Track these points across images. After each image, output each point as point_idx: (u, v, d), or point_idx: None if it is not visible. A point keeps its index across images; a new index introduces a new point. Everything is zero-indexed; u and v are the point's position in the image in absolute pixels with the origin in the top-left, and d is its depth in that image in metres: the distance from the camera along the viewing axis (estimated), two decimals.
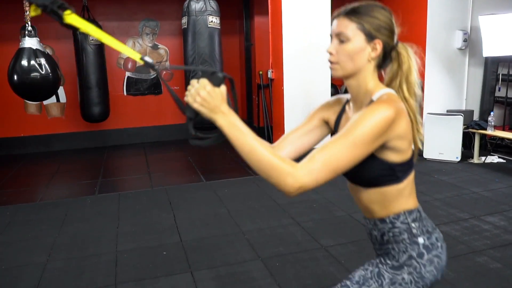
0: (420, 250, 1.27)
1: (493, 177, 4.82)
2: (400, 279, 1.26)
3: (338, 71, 1.26)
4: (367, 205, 1.32)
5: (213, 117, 1.13)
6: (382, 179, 1.25)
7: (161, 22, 7.04)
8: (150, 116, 7.25)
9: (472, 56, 5.87)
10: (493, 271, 2.77)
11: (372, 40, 1.22)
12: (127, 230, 3.58)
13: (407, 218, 1.29)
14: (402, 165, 1.25)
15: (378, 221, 1.31)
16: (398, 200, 1.28)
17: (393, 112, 1.15)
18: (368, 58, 1.23)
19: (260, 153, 1.11)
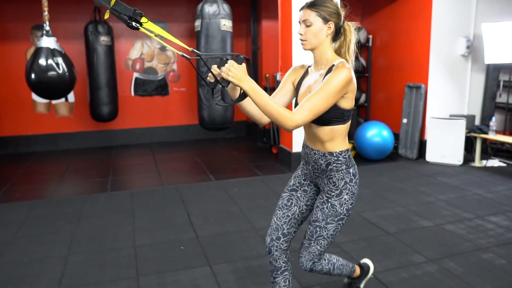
0: (351, 177, 1.96)
1: (494, 179, 4.96)
2: (343, 200, 1.95)
3: (307, 46, 1.89)
4: (320, 138, 1.92)
5: (240, 84, 1.66)
6: (335, 120, 1.86)
7: (170, 24, 7.16)
8: (157, 116, 7.36)
9: (474, 62, 6.02)
10: (499, 267, 2.90)
11: (327, 22, 1.85)
12: (143, 225, 3.69)
13: (346, 154, 1.95)
14: (348, 111, 1.88)
15: (328, 154, 1.93)
16: (341, 138, 1.92)
17: (349, 73, 1.76)
18: (326, 35, 1.86)
19: (271, 106, 1.70)
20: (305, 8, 1.86)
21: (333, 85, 1.73)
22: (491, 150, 6.06)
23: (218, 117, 4.89)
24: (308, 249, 2.03)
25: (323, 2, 1.84)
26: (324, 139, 1.91)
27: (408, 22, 6.11)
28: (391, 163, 5.81)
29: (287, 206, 2.09)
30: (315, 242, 2.00)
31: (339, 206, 1.95)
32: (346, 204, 1.96)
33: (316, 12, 1.83)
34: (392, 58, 6.57)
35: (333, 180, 1.94)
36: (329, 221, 1.96)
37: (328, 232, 1.98)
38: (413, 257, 3.05)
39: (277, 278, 2.11)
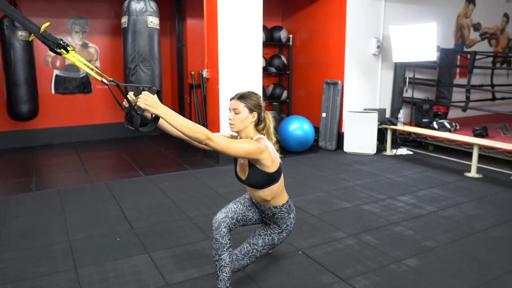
0: (291, 220, 2.59)
1: (402, 166, 5.55)
2: (282, 237, 2.59)
3: (234, 128, 2.36)
4: (263, 198, 2.43)
5: (156, 111, 1.90)
6: (268, 182, 2.37)
7: (91, 21, 7.01)
8: (80, 115, 7.16)
9: (384, 61, 6.63)
10: (407, 237, 3.33)
11: (252, 112, 2.35)
12: (76, 221, 3.67)
13: (287, 204, 2.53)
14: (275, 173, 2.37)
15: (273, 207, 2.48)
16: (280, 194, 2.47)
17: (255, 145, 2.21)
18: (250, 121, 2.36)
19: (187, 124, 1.98)
20: (235, 99, 2.35)
21: (242, 146, 2.17)
22: (400, 140, 6.71)
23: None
24: (240, 261, 2.56)
25: (249, 96, 2.35)
26: (267, 199, 2.43)
27: (325, 23, 6.57)
28: (312, 154, 6.22)
29: (247, 207, 2.57)
30: (248, 258, 2.57)
31: (277, 240, 2.57)
32: (282, 238, 2.60)
33: (244, 103, 2.32)
34: (311, 57, 7.01)
35: (278, 224, 2.55)
36: (266, 247, 2.57)
37: (261, 253, 2.58)
38: (335, 234, 3.39)
39: (223, 255, 2.32)
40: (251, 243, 2.56)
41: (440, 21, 6.39)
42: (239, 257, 2.56)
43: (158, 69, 4.92)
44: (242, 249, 2.58)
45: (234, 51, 5.36)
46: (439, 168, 5.46)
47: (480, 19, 8.14)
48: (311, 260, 2.95)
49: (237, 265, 2.56)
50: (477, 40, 8.23)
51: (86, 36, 7.02)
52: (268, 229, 2.58)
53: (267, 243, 2.56)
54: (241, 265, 2.58)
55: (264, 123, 2.44)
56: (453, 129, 6.27)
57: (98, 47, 7.16)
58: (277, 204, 2.47)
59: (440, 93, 6.88)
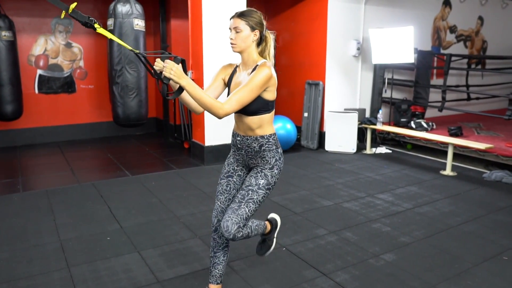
0: (279, 155, 2.34)
1: (382, 164, 5.76)
2: (274, 173, 2.32)
3: (236, 48, 2.24)
4: (250, 126, 2.26)
5: (179, 81, 1.94)
6: (261, 110, 2.22)
7: (75, 21, 7.01)
8: (64, 114, 7.18)
9: (364, 62, 6.84)
10: (385, 233, 3.52)
11: (254, 30, 2.22)
12: (65, 221, 3.76)
13: (274, 137, 2.33)
14: (272, 102, 2.26)
15: (259, 137, 2.28)
16: (268, 124, 2.29)
17: (269, 71, 2.14)
18: (252, 40, 2.23)
19: (205, 98, 2.02)
20: (235, 17, 2.23)
21: (256, 81, 2.10)
22: (379, 139, 6.93)
23: (133, 113, 5.03)
24: (237, 211, 2.18)
25: (251, 13, 2.22)
26: (254, 127, 2.26)
27: (307, 25, 6.73)
28: (295, 153, 6.39)
29: (227, 190, 2.40)
30: (246, 204, 2.21)
31: (270, 177, 2.29)
32: (275, 177, 2.32)
33: (245, 21, 2.19)
34: (293, 57, 7.17)
35: (266, 158, 2.30)
36: (260, 187, 2.26)
37: (258, 197, 2.25)
38: (317, 231, 3.56)
39: (218, 253, 2.45)
40: (243, 186, 2.29)
41: (417, 23, 6.62)
42: (235, 207, 2.20)
43: (143, 71, 5.01)
44: (235, 198, 2.27)
45: (218, 52, 5.47)
46: (416, 166, 5.69)
47: (456, 21, 8.43)
48: (294, 256, 3.11)
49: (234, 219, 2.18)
50: (453, 42, 8.52)
51: (69, 36, 7.04)
52: (258, 167, 2.32)
53: (261, 181, 2.27)
54: (239, 217, 2.18)
55: (265, 43, 2.30)
56: (430, 129, 6.51)
57: (81, 47, 7.18)
58: (264, 133, 2.27)
59: (418, 94, 7.12)
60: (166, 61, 1.95)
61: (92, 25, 2.01)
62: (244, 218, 2.21)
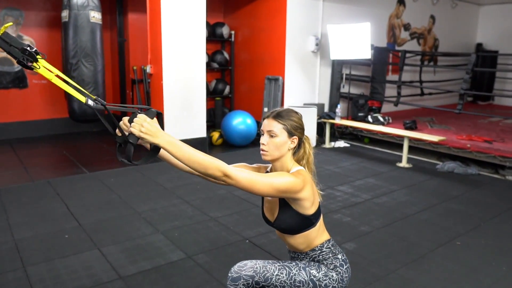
0: (340, 262, 1.84)
1: (341, 158, 5.89)
2: (330, 275, 1.80)
3: (267, 157, 1.79)
4: (297, 246, 1.85)
5: (155, 141, 1.45)
6: (302, 226, 1.79)
7: (26, 12, 6.73)
8: (16, 111, 6.86)
9: (322, 58, 6.96)
10: (345, 223, 3.60)
11: (292, 136, 1.79)
12: (19, 220, 3.60)
13: (329, 244, 1.86)
14: (314, 215, 1.80)
15: (310, 251, 1.85)
16: (317, 236, 1.83)
17: (298, 181, 1.68)
18: (289, 148, 1.79)
19: (197, 156, 1.50)
20: (270, 118, 1.79)
21: (272, 184, 1.64)
22: (338, 133, 7.07)
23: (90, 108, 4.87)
24: None
25: (290, 115, 1.81)
26: (301, 247, 1.84)
27: (267, 21, 6.77)
28: (255, 148, 6.42)
29: None
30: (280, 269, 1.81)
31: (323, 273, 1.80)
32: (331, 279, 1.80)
33: (282, 125, 1.77)
34: (253, 53, 7.19)
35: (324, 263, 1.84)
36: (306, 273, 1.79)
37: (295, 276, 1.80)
38: None
39: None
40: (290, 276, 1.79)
41: (374, 21, 6.80)
42: None
43: (101, 65, 4.88)
44: None
45: (178, 46, 5.41)
46: (374, 159, 5.85)
47: (409, 19, 8.73)
48: (258, 248, 3.13)
49: None
50: (407, 39, 8.81)
51: (20, 28, 6.73)
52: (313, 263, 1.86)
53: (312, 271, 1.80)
54: None
55: (303, 150, 1.87)
56: (386, 123, 6.72)
57: (33, 40, 6.88)
58: (314, 246, 1.83)
59: (374, 89, 7.33)
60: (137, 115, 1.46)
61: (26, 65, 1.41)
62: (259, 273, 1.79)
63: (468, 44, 10.43)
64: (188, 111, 5.65)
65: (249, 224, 3.56)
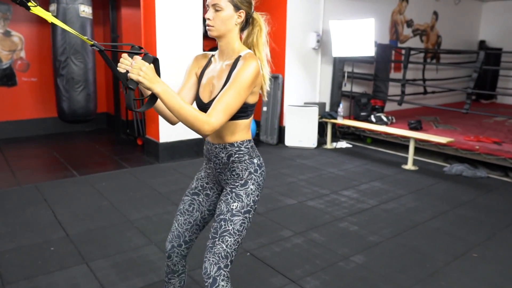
0: (255, 167, 1.80)
1: (343, 159, 5.65)
2: (249, 190, 1.78)
3: (214, 32, 1.72)
4: (221, 132, 1.76)
5: (151, 86, 1.46)
6: (238, 115, 1.71)
7: (14, 7, 6.43)
8: (3, 110, 6.57)
9: (323, 55, 6.70)
10: (353, 233, 3.36)
11: (238, 10, 1.72)
12: (2, 230, 3.33)
13: (248, 144, 1.80)
14: (252, 106, 1.76)
15: (228, 145, 1.78)
16: (243, 130, 1.78)
17: (257, 65, 1.66)
18: (235, 23, 1.73)
19: (186, 109, 1.52)
20: None
21: (243, 80, 1.62)
22: (339, 134, 6.83)
23: (80, 108, 4.62)
24: (213, 249, 1.71)
25: None
26: (225, 133, 1.77)
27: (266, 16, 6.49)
28: None
29: (188, 211, 1.93)
30: (220, 239, 1.71)
31: (245, 196, 1.76)
32: (253, 195, 1.78)
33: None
34: None
35: (236, 171, 1.79)
36: (234, 213, 1.73)
37: (235, 227, 1.72)
38: (282, 232, 3.35)
39: (173, 280, 2.06)
40: (215, 216, 1.80)
41: (376, 17, 6.54)
42: (210, 244, 1.73)
43: (92, 62, 4.61)
44: (210, 234, 1.76)
45: (173, 43, 5.14)
46: (378, 161, 5.62)
47: (412, 16, 8.48)
48: (260, 262, 2.89)
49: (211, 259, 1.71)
50: (410, 36, 8.57)
51: (8, 23, 6.43)
52: (228, 186, 1.81)
53: (233, 206, 1.75)
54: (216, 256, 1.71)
55: (252, 28, 1.80)
56: (390, 122, 6.49)
57: (22, 36, 6.60)
58: (234, 140, 1.77)
59: (377, 87, 7.09)
60: (134, 59, 1.47)
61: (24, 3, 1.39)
62: (224, 256, 1.71)
63: (470, 41, 10.21)
64: None
65: (250, 233, 3.31)
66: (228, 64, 1.75)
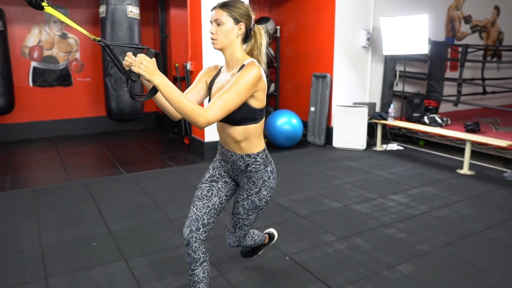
0: (269, 175, 2.07)
1: (393, 162, 5.39)
2: (262, 196, 2.09)
3: (217, 45, 1.90)
4: (235, 138, 1.95)
5: (151, 79, 1.61)
6: (247, 119, 1.90)
7: (71, 10, 6.70)
8: (60, 108, 6.88)
9: (374, 53, 6.45)
10: (400, 240, 3.17)
11: (238, 23, 1.89)
12: (50, 224, 3.44)
13: (263, 154, 2.03)
14: (260, 110, 1.93)
15: (245, 156, 2.00)
16: (257, 139, 1.98)
17: (259, 71, 1.82)
18: (236, 35, 1.90)
19: (183, 102, 1.66)
20: (217, 8, 1.90)
21: (243, 82, 1.77)
22: (390, 135, 6.56)
23: (127, 107, 4.70)
24: (234, 234, 2.26)
25: (235, 3, 1.90)
26: (238, 139, 1.95)
27: (314, 14, 6.36)
28: (301, 149, 6.04)
29: (207, 196, 2.08)
30: (239, 229, 2.22)
31: (258, 201, 2.09)
32: (265, 198, 2.10)
33: (227, 12, 1.87)
34: (299, 49, 6.80)
35: (252, 180, 2.05)
36: (250, 213, 2.13)
37: (250, 221, 2.18)
38: (325, 237, 3.21)
39: (196, 270, 2.06)
40: (234, 213, 2.20)
41: (430, 13, 6.21)
42: (231, 230, 2.27)
43: None
44: (231, 221, 2.26)
45: None
46: (431, 164, 5.32)
47: (471, 11, 8.00)
48: (299, 267, 2.77)
49: (233, 239, 2.30)
50: (468, 33, 8.10)
51: (65, 26, 6.71)
52: (244, 191, 2.10)
53: (248, 208, 2.11)
54: (237, 237, 2.28)
55: (254, 40, 1.98)
56: (445, 124, 6.13)
57: (78, 38, 6.86)
58: (250, 151, 1.98)
59: (431, 87, 6.73)
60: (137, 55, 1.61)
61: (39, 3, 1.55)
62: (243, 236, 2.28)
63: None
64: None
65: (290, 237, 3.21)
66: (234, 73, 1.92)
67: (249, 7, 1.95)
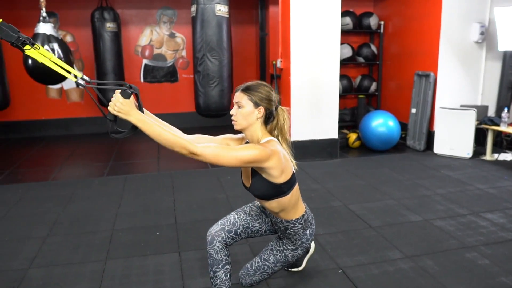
0: (307, 237, 2.17)
1: (502, 174, 4.71)
2: (296, 254, 2.19)
3: (237, 126, 1.99)
4: (272, 209, 2.05)
5: (128, 118, 1.69)
6: (274, 194, 1.98)
7: (178, 11, 7.13)
8: (166, 103, 7.38)
9: (489, 50, 5.70)
10: (480, 267, 2.72)
11: (258, 107, 1.96)
12: (127, 210, 3.70)
13: (302, 220, 2.12)
14: (285, 184, 1.97)
15: (285, 221, 2.09)
16: (294, 208, 2.06)
17: (264, 152, 1.84)
18: (256, 118, 1.97)
19: (165, 135, 1.74)
20: (239, 91, 1.98)
21: (243, 154, 1.82)
22: (506, 143, 5.74)
23: (214, 103, 4.84)
24: (252, 277, 2.23)
25: (257, 87, 1.97)
26: (276, 211, 2.05)
27: (419, 7, 5.84)
28: (396, 154, 5.61)
29: (253, 218, 2.23)
30: (260, 274, 2.22)
31: (291, 257, 2.19)
32: (298, 255, 2.21)
33: (248, 96, 1.95)
34: (403, 45, 6.32)
35: (290, 239, 2.15)
36: (278, 265, 2.20)
37: (273, 271, 2.22)
38: (390, 253, 2.92)
39: (218, 272, 2.06)
40: (263, 258, 2.21)
41: None
42: (250, 272, 2.23)
43: (226, 59, 4.77)
44: (253, 263, 2.24)
45: (307, 39, 4.99)
46: None
47: None
48: (349, 283, 2.56)
49: (248, 280, 2.25)
50: None
51: (173, 26, 7.17)
52: (281, 244, 2.19)
53: (279, 260, 2.18)
54: (253, 281, 2.24)
55: (276, 121, 2.02)
56: None
57: (184, 37, 7.27)
58: (289, 218, 2.07)
59: None
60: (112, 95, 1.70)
61: (18, 46, 1.66)
62: (258, 281, 2.25)
63: None
64: (318, 109, 5.20)
65: (352, 248, 2.98)
66: None
67: (271, 90, 2.01)
